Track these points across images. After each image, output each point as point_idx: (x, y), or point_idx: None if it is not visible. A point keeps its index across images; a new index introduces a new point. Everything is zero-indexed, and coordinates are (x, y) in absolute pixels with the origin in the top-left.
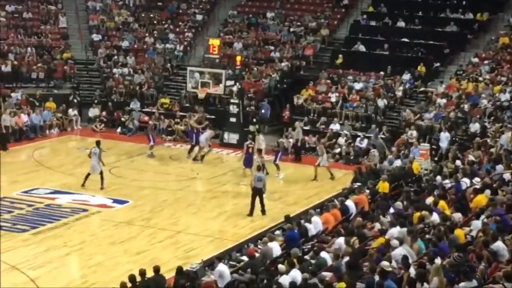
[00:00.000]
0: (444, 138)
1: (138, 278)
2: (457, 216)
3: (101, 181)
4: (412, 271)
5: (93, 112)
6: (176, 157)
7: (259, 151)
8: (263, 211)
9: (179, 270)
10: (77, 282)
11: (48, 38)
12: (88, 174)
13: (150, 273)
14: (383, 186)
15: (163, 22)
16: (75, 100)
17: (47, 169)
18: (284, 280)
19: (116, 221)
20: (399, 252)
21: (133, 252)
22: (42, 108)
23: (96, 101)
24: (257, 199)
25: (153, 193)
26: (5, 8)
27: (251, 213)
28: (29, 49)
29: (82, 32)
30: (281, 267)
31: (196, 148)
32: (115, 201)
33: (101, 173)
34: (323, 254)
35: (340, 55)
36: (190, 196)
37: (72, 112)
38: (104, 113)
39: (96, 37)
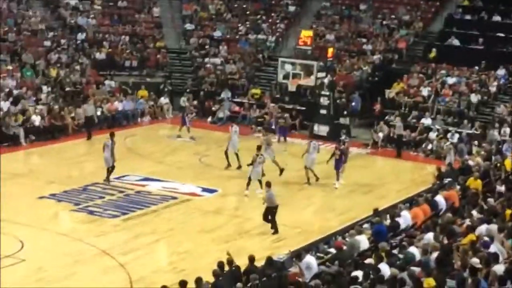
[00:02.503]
0: None
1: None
2: None
3: (107, 174)
4: (502, 268)
5: (185, 101)
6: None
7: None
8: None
9: (269, 260)
10: (166, 268)
11: (142, 27)
12: (108, 169)
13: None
14: (476, 183)
15: (256, 13)
16: (166, 89)
17: (138, 156)
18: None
19: (205, 209)
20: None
21: (221, 240)
22: (135, 96)
23: (187, 90)
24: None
25: (241, 183)
26: None
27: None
28: (123, 37)
29: (176, 21)
30: (369, 261)
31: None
32: (204, 189)
33: (112, 168)
34: (412, 249)
35: (434, 49)
36: (278, 187)
37: (163, 100)
38: (195, 102)
39: (189, 26)
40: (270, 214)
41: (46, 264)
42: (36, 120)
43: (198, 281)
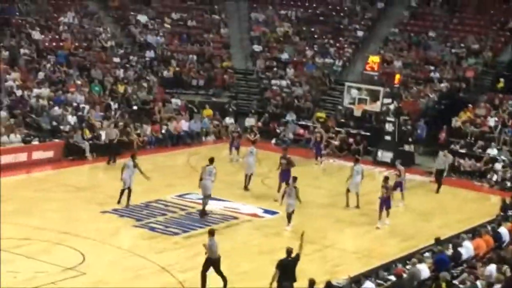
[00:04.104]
0: None
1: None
2: None
3: (120, 196)
4: None
5: (249, 121)
6: (328, 172)
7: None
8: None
9: (328, 284)
10: None
11: (210, 47)
12: (124, 190)
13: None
14: None
15: (324, 37)
16: (231, 109)
17: None
18: None
19: (265, 231)
20: None
21: None
22: (201, 115)
23: (252, 111)
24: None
25: (303, 206)
26: (171, 15)
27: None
28: (191, 56)
29: (244, 42)
30: None
31: None
32: (266, 211)
33: (129, 190)
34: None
35: (502, 79)
36: (340, 211)
37: (228, 120)
38: (259, 123)
39: (256, 48)
40: (213, 266)
41: (106, 278)
42: (102, 135)
43: None
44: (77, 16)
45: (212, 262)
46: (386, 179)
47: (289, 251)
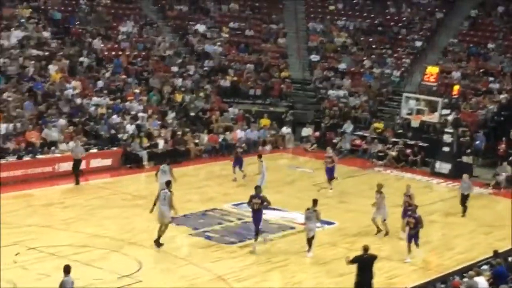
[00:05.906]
0: None
1: None
2: None
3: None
4: None
5: (306, 131)
6: (385, 183)
7: None
8: None
9: None
10: None
11: (267, 56)
12: None
13: None
14: None
15: (382, 47)
16: (288, 119)
17: None
18: None
19: (321, 241)
20: None
21: (335, 273)
22: (257, 125)
23: (309, 121)
24: None
25: (359, 217)
26: (229, 25)
27: None
28: (248, 65)
29: (301, 52)
30: None
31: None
32: (321, 221)
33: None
34: None
35: None
36: (395, 223)
37: (285, 130)
38: (316, 133)
39: (314, 57)
40: None
41: (162, 286)
42: (160, 143)
43: None
44: (136, 25)
45: None
46: (413, 209)
47: (365, 248)
